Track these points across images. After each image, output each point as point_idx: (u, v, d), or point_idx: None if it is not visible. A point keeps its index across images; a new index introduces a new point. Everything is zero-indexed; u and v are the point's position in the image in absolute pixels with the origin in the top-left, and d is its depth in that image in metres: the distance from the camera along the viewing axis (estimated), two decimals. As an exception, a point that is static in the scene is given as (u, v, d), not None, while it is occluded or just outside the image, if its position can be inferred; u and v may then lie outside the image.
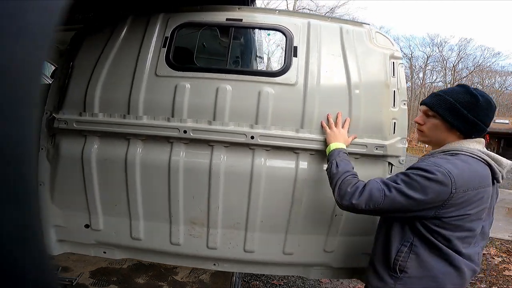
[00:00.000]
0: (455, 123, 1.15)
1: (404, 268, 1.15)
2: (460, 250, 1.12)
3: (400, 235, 1.18)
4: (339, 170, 1.27)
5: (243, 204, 1.64)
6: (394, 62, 1.66)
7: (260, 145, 1.59)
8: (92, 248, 1.80)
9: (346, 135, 1.50)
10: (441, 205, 1.06)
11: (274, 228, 1.67)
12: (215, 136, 1.58)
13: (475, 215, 1.10)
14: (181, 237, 1.71)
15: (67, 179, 1.71)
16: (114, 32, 1.70)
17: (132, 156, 1.64)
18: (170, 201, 1.67)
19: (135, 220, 1.71)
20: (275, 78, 1.62)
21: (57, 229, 1.75)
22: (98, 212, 1.72)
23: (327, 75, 1.63)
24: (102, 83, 1.64)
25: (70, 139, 1.68)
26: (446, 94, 1.18)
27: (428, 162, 1.12)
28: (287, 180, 1.61)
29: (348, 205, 1.16)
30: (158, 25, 1.68)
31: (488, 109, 1.15)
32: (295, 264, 1.74)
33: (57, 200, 1.74)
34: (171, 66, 1.64)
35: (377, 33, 1.72)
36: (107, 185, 1.70)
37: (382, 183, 1.14)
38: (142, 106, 1.62)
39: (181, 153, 1.64)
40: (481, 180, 1.10)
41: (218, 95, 1.59)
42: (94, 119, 1.62)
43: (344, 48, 1.65)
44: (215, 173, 1.62)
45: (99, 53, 1.68)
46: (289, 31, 1.66)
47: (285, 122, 1.59)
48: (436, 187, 1.04)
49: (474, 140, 1.17)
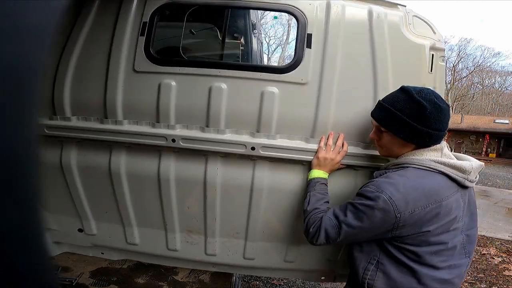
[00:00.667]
0: (408, 137, 1.09)
1: (372, 286, 1.11)
2: (435, 264, 1.05)
3: (366, 253, 1.14)
4: (307, 208, 1.24)
5: (242, 216, 1.51)
6: (434, 54, 1.32)
7: (263, 157, 1.37)
8: (90, 249, 1.76)
9: (335, 164, 1.32)
10: (393, 228, 1.03)
11: (276, 238, 1.58)
12: (208, 146, 1.35)
13: (439, 229, 1.03)
14: (178, 244, 1.62)
15: (52, 186, 1.55)
16: (79, 19, 1.37)
17: (116, 165, 1.44)
18: (163, 211, 1.53)
19: (129, 227, 1.61)
20: (282, 75, 1.31)
21: (51, 232, 1.66)
22: (89, 218, 1.60)
23: (349, 73, 1.31)
24: (70, 80, 1.38)
25: (45, 145, 1.47)
26: (392, 106, 1.09)
27: (372, 187, 1.05)
28: (293, 194, 1.43)
29: (313, 244, 1.16)
30: (133, 7, 1.35)
31: (439, 114, 1.05)
32: (296, 270, 1.67)
33: (45, 205, 1.61)
34: (152, 60, 1.34)
35: (415, 17, 1.35)
36: (94, 192, 1.54)
37: (334, 217, 1.11)
38: (121, 108, 1.37)
39: (171, 163, 1.43)
40: (431, 196, 1.02)
41: (212, 95, 1.32)
42: (67, 123, 1.40)
43: (372, 38, 1.30)
44: (210, 185, 1.43)
45: (62, 45, 1.38)
46: (301, 13, 1.31)
47: (293, 130, 1.34)
48: (380, 214, 1.01)
49: (429, 149, 1.09)
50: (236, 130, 1.35)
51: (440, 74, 1.33)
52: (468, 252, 1.12)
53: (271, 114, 1.32)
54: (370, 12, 1.30)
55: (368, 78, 1.30)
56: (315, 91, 1.30)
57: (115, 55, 1.35)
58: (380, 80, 1.29)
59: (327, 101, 1.30)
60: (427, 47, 1.31)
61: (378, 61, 1.29)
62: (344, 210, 1.10)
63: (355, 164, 1.35)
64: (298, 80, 1.31)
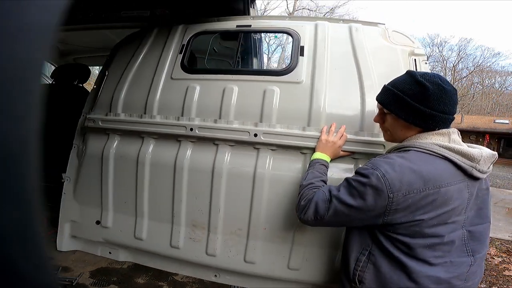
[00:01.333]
0: (410, 119, 1.05)
1: (362, 278, 1.05)
2: (428, 259, 0.97)
3: (359, 243, 1.09)
4: (303, 183, 1.23)
5: (245, 209, 1.60)
6: (416, 59, 1.61)
7: (265, 143, 1.57)
8: (99, 247, 1.91)
9: (337, 148, 1.42)
10: (385, 212, 0.96)
11: (278, 238, 1.58)
12: (219, 133, 1.62)
13: (434, 219, 0.95)
14: (181, 240, 1.71)
15: (89, 175, 1.88)
16: (142, 42, 1.93)
17: (143, 153, 1.76)
18: (173, 200, 1.72)
19: (140, 218, 1.78)
20: (281, 77, 1.64)
21: (72, 225, 1.93)
22: (109, 208, 1.85)
23: (336, 72, 1.60)
24: (126, 87, 1.84)
25: (96, 137, 1.88)
26: (394, 87, 1.08)
27: (369, 164, 1.02)
28: (294, 184, 1.53)
29: (300, 219, 1.12)
30: (177, 35, 1.87)
31: (442, 96, 1.00)
32: (301, 282, 1.59)
33: (78, 195, 1.92)
34: (185, 70, 1.77)
35: (394, 32, 1.69)
36: (120, 181, 1.82)
37: (328, 192, 1.06)
38: (157, 106, 1.76)
39: (188, 151, 1.70)
40: (429, 181, 0.94)
41: (225, 95, 1.65)
42: (116, 118, 1.82)
43: (353, 45, 1.63)
44: (217, 173, 1.62)
45: (128, 61, 1.90)
46: (295, 32, 1.72)
47: (291, 120, 1.57)
48: (372, 192, 0.96)
49: (434, 132, 1.04)
50: (243, 121, 1.62)
51: None
52: (472, 250, 1.02)
53: (272, 107, 1.59)
54: (350, 27, 1.69)
55: (354, 77, 1.57)
56: (309, 88, 1.59)
57: (160, 68, 1.81)
58: (364, 78, 1.56)
59: (319, 96, 1.56)
60: (407, 52, 1.62)
61: (361, 64, 1.58)
62: (338, 186, 1.07)
63: (355, 151, 1.50)
64: (294, 80, 1.61)
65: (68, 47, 3.10)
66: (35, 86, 0.34)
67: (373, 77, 1.55)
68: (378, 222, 0.99)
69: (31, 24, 0.33)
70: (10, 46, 0.30)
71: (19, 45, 0.31)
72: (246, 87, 1.65)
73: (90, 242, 1.92)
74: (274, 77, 1.65)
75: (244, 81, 1.67)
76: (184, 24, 1.89)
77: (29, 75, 0.33)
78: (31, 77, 0.33)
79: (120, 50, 1.98)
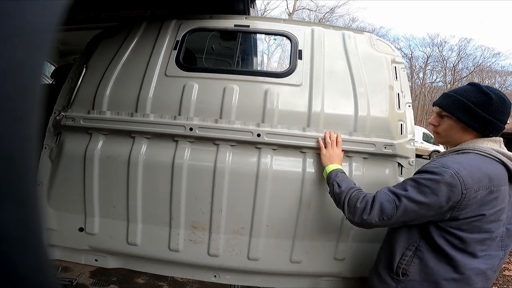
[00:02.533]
0: (470, 123, 1.13)
1: (406, 271, 1.14)
2: (476, 252, 1.07)
3: (407, 240, 1.16)
4: (342, 189, 1.26)
5: (248, 207, 1.60)
6: (396, 66, 1.75)
7: (267, 143, 1.59)
8: (83, 255, 1.76)
9: (340, 154, 1.53)
10: (455, 207, 1.03)
11: (281, 234, 1.61)
12: (221, 134, 1.59)
13: (493, 215, 1.05)
14: (180, 243, 1.66)
15: (67, 178, 1.69)
16: (129, 36, 1.80)
17: (135, 154, 1.64)
18: (171, 203, 1.64)
19: (133, 223, 1.68)
20: (281, 79, 1.67)
21: (49, 233, 1.69)
22: (94, 214, 1.69)
23: (332, 75, 1.68)
24: (113, 82, 1.69)
25: (75, 136, 1.70)
26: (458, 94, 1.16)
27: (435, 163, 1.08)
28: (294, 181, 1.58)
29: (361, 221, 1.14)
30: (170, 30, 1.78)
31: (502, 106, 1.12)
32: (303, 274, 1.66)
33: (53, 201, 1.71)
34: (181, 67, 1.70)
35: (378, 40, 1.82)
36: (107, 184, 1.67)
37: (391, 193, 1.10)
38: (150, 104, 1.65)
39: (186, 151, 1.63)
40: (492, 179, 1.05)
41: (225, 94, 1.63)
42: (101, 116, 1.66)
43: (347, 51, 1.73)
44: (219, 172, 1.59)
45: (112, 55, 1.75)
46: (294, 36, 1.77)
47: (292, 121, 1.61)
48: (445, 189, 1.02)
49: (489, 139, 1.14)
50: (244, 121, 1.61)
51: (404, 80, 1.74)
52: (505, 245, 1.14)
53: (274, 108, 1.62)
54: (343, 34, 1.80)
55: (347, 81, 1.67)
56: (307, 91, 1.65)
57: (152, 63, 1.71)
58: (356, 80, 1.66)
59: (317, 98, 1.62)
60: (389, 60, 1.75)
61: (353, 68, 1.69)
62: (402, 186, 1.11)
63: (348, 150, 1.59)
64: (294, 83, 1.67)
65: (68, 47, 3.10)
66: (35, 86, 0.34)
67: (364, 82, 1.66)
68: (445, 217, 1.06)
69: (31, 24, 0.33)
70: (10, 46, 0.30)
71: (19, 45, 0.31)
72: (246, 87, 1.65)
73: (72, 250, 1.74)
74: (274, 78, 1.68)
75: (244, 81, 1.67)
76: (177, 19, 1.82)
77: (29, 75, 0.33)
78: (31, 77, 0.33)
79: (102, 44, 1.83)
